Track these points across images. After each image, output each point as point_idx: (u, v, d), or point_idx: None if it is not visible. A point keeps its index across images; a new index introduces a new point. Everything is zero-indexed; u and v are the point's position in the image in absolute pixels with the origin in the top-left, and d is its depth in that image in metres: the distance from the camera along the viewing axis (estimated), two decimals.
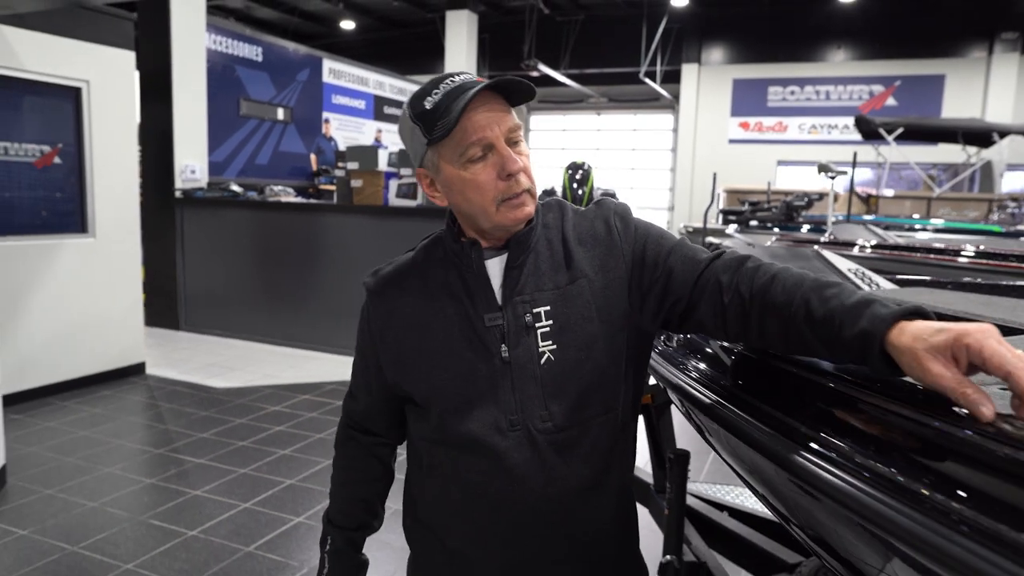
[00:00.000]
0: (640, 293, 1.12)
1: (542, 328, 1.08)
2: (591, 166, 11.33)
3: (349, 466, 1.29)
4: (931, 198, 11.81)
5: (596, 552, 1.17)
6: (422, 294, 1.14)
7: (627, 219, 1.16)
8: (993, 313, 1.89)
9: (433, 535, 1.19)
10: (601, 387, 1.10)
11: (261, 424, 4.37)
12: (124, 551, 2.86)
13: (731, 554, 2.27)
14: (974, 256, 4.64)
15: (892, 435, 0.86)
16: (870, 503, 0.78)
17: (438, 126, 1.03)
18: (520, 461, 1.07)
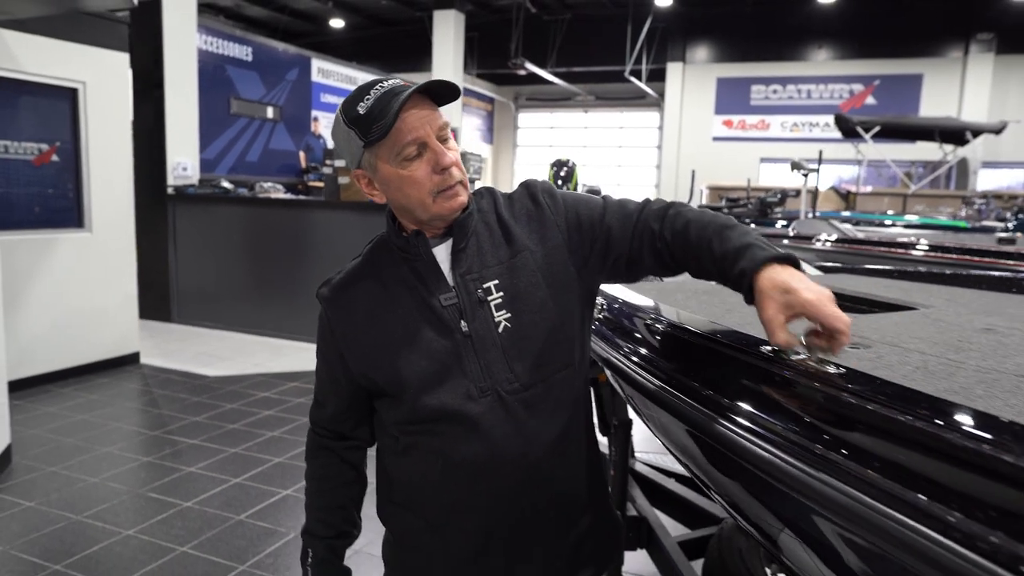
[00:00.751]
0: (582, 255, 1.22)
1: (495, 300, 1.16)
2: (575, 163, 11.61)
3: (324, 475, 1.32)
4: (907, 195, 12.13)
5: (572, 507, 1.25)
6: (377, 291, 1.21)
7: (554, 194, 1.26)
8: (887, 293, 2.16)
9: (411, 513, 1.23)
10: (557, 344, 1.19)
11: (251, 409, 4.61)
12: (125, 520, 3.11)
13: (671, 511, 2.54)
14: (927, 250, 4.93)
15: (776, 397, 1.10)
16: (753, 450, 1.00)
17: (374, 129, 1.09)
18: (494, 422, 1.14)
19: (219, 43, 8.10)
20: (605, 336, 1.66)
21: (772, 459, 0.99)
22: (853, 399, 0.97)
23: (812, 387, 1.04)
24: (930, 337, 1.52)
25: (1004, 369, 1.26)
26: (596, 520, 1.30)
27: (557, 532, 1.23)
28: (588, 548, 1.27)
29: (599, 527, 1.31)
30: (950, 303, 2.06)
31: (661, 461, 2.85)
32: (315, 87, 9.96)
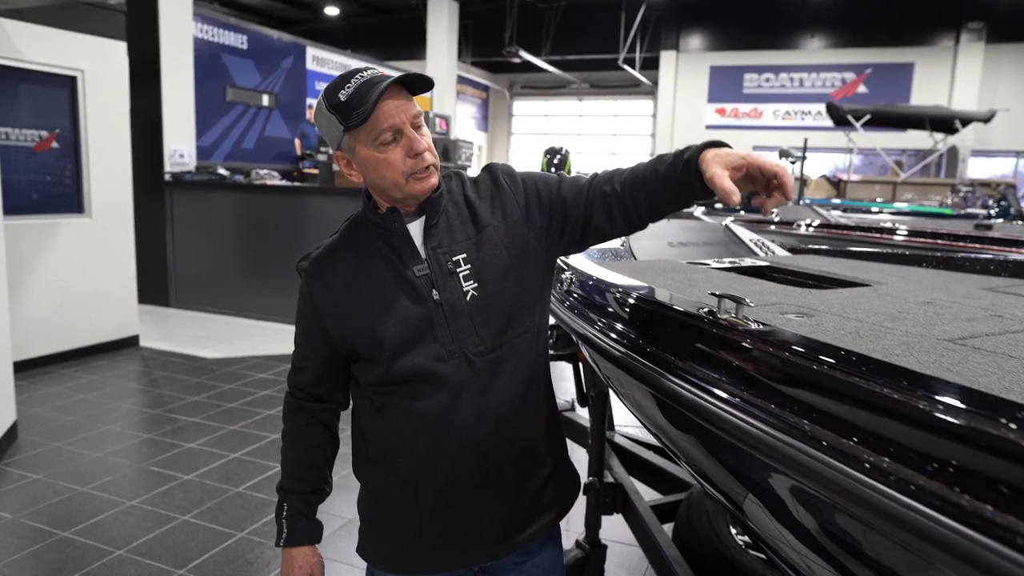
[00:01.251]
0: (541, 226, 1.33)
1: (463, 272, 1.27)
2: (568, 151, 11.71)
3: (300, 435, 1.40)
4: (896, 183, 12.26)
5: (532, 458, 1.36)
6: (355, 263, 1.30)
7: (513, 174, 1.38)
8: (849, 272, 2.30)
9: (384, 469, 1.33)
10: (518, 311, 1.30)
11: (247, 389, 4.75)
12: (128, 491, 3.25)
13: (645, 479, 2.69)
14: (905, 235, 5.08)
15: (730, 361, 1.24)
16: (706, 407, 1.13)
17: (354, 115, 1.18)
18: (462, 381, 1.25)
19: (214, 31, 8.18)
20: (577, 311, 1.80)
21: (710, 407, 1.14)
22: (778, 354, 1.10)
23: (739, 343, 1.18)
24: (872, 309, 1.66)
25: (930, 335, 1.40)
26: (554, 470, 1.41)
27: (518, 480, 1.33)
28: (548, 495, 1.39)
29: (557, 476, 1.42)
30: (904, 280, 2.20)
31: (638, 434, 2.99)
32: (310, 75, 10.04)
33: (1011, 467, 0.72)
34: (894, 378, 0.96)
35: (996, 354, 1.25)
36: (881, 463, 0.83)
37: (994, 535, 0.68)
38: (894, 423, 0.88)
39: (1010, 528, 0.67)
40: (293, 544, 1.37)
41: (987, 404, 0.87)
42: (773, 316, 1.51)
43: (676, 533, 2.36)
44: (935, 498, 0.75)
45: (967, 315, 1.64)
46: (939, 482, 0.76)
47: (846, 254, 2.91)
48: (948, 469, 0.77)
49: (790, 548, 1.13)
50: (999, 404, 0.87)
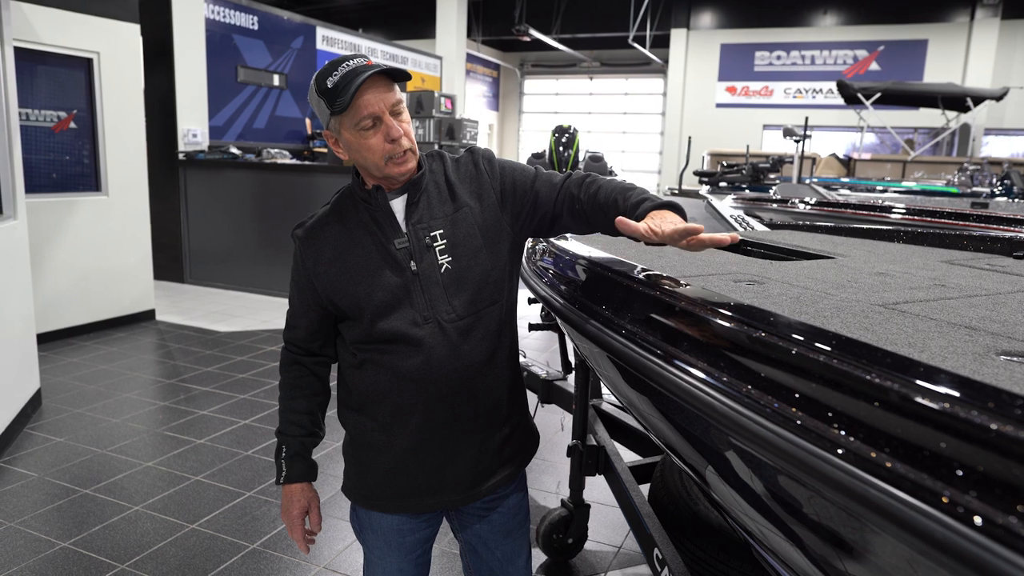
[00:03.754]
0: (513, 213, 1.48)
1: (439, 246, 1.41)
2: (576, 130, 11.76)
3: (295, 384, 1.54)
4: (906, 161, 12.23)
5: (495, 416, 1.49)
6: (343, 233, 1.43)
7: (492, 160, 1.51)
8: (819, 246, 2.42)
9: (365, 416, 1.46)
10: (488, 285, 1.43)
11: (259, 360, 4.94)
12: (144, 453, 3.45)
13: (627, 443, 2.84)
14: (901, 213, 5.15)
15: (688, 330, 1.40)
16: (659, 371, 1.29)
17: (337, 103, 1.31)
18: (434, 344, 1.38)
19: (226, 12, 8.30)
20: (550, 282, 1.94)
21: (643, 360, 1.27)
22: (708, 315, 1.23)
23: (667, 304, 1.32)
24: (824, 278, 1.78)
25: (867, 300, 1.53)
26: (514, 428, 1.55)
27: (482, 434, 1.48)
28: (508, 449, 1.54)
29: (518, 434, 1.57)
30: (868, 254, 2.32)
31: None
32: (320, 55, 10.15)
33: (899, 419, 0.79)
34: (803, 336, 1.06)
35: (918, 316, 1.38)
36: (791, 415, 0.91)
37: (885, 478, 0.75)
38: (805, 380, 0.96)
39: (898, 473, 0.74)
40: (291, 481, 1.52)
41: (873, 357, 0.97)
42: (724, 283, 1.65)
43: (652, 492, 2.51)
44: (838, 447, 0.83)
45: (912, 284, 1.76)
46: (843, 432, 0.83)
47: (823, 230, 3.02)
48: (846, 419, 0.85)
49: (725, 498, 1.27)
50: (885, 356, 0.98)
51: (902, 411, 0.80)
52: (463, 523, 1.60)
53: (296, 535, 1.55)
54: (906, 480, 0.73)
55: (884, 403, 0.83)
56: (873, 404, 0.85)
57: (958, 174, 9.55)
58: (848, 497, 0.80)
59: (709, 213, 2.82)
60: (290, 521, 1.54)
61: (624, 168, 17.75)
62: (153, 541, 2.71)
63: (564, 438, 3.70)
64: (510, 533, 1.61)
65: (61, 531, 2.76)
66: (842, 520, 0.88)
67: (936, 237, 2.68)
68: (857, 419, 0.85)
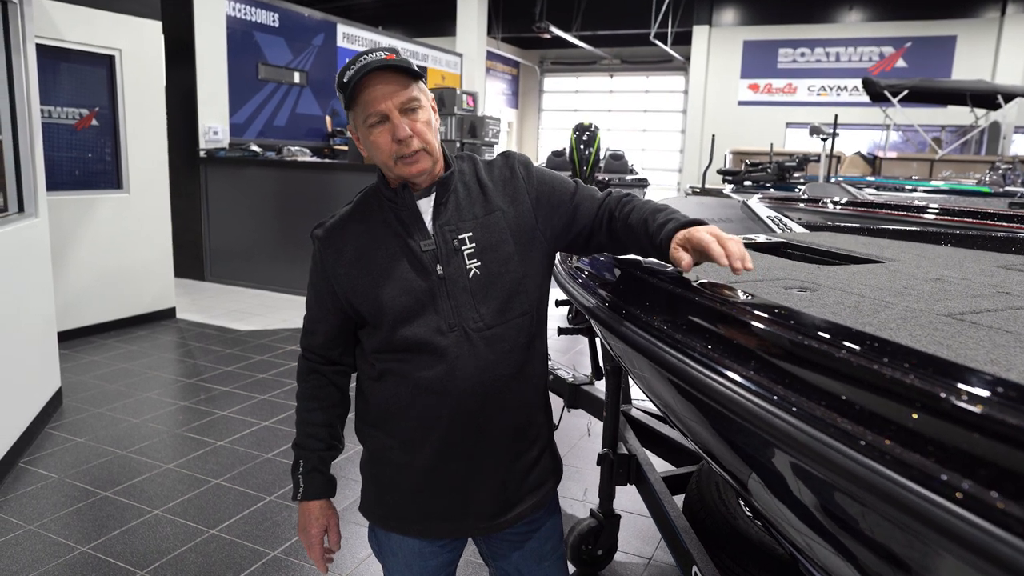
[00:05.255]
0: (548, 223, 1.41)
1: (467, 250, 1.32)
2: (597, 128, 11.63)
3: (313, 395, 1.45)
4: (934, 160, 11.99)
5: (523, 436, 1.42)
6: (365, 233, 1.36)
7: (529, 167, 1.44)
8: (864, 249, 2.32)
9: (383, 433, 1.39)
10: (518, 294, 1.36)
11: (278, 360, 4.90)
12: (164, 455, 3.40)
13: (659, 451, 2.75)
14: (935, 213, 5.00)
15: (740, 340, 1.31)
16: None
17: (346, 98, 1.30)
18: (458, 354, 1.30)
19: (247, 9, 8.28)
20: (587, 286, 1.85)
21: (700, 378, 1.18)
22: (760, 325, 1.14)
23: (724, 313, 1.23)
24: (878, 284, 1.68)
25: (930, 310, 1.43)
26: (543, 452, 1.47)
27: (509, 455, 1.39)
28: (536, 474, 1.45)
29: (546, 458, 1.48)
30: (918, 258, 2.21)
31: (653, 407, 3.04)
32: (341, 52, 10.11)
33: (989, 442, 0.72)
34: (876, 350, 0.98)
35: (992, 329, 1.28)
36: (865, 436, 0.83)
37: (972, 508, 0.67)
38: (875, 395, 0.88)
39: (988, 503, 0.67)
40: (309, 498, 1.44)
41: (956, 374, 0.88)
42: (775, 290, 1.55)
43: (687, 504, 2.42)
44: (914, 471, 0.75)
45: (974, 291, 1.65)
46: (920, 455, 0.76)
47: (864, 231, 2.90)
48: (927, 443, 0.77)
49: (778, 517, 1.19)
50: (974, 374, 0.89)
51: (998, 436, 0.71)
52: (492, 550, 1.52)
53: (315, 555, 1.47)
54: (997, 511, 0.65)
55: (980, 428, 0.74)
56: (966, 429, 0.75)
57: (990, 173, 9.33)
58: (931, 527, 0.72)
59: (745, 214, 2.72)
60: (308, 540, 1.46)
61: (644, 167, 17.57)
62: (173, 546, 2.65)
63: (590, 443, 3.61)
64: (544, 558, 1.52)
65: (80, 535, 2.71)
66: (910, 543, 0.80)
67: (985, 239, 2.57)
68: (942, 442, 0.76)
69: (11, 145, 3.69)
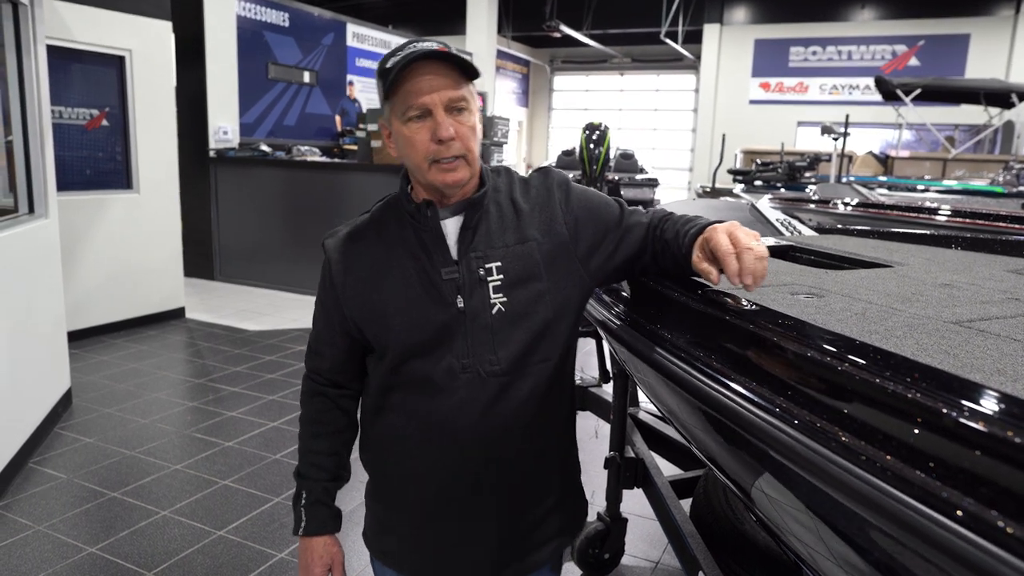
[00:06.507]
0: (587, 258, 1.26)
1: (493, 282, 1.18)
2: (608, 127, 11.60)
3: (318, 419, 1.34)
4: (947, 159, 11.89)
5: (529, 494, 1.30)
6: (380, 250, 1.23)
7: (568, 189, 1.28)
8: (873, 253, 2.30)
9: (380, 468, 1.32)
10: (544, 338, 1.21)
11: (287, 360, 4.91)
12: (173, 456, 3.42)
13: (667, 455, 2.73)
14: (947, 215, 4.95)
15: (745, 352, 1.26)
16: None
17: (388, 84, 1.14)
18: (468, 399, 1.18)
19: (257, 9, 8.31)
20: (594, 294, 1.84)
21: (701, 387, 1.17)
22: (763, 334, 1.13)
23: (727, 322, 1.21)
24: (886, 290, 1.67)
25: (938, 317, 1.41)
26: (559, 501, 1.35)
27: (512, 511, 1.28)
28: (546, 529, 1.33)
29: (560, 508, 1.35)
30: (927, 262, 2.18)
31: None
32: (350, 52, 10.13)
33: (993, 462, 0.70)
34: (878, 363, 0.96)
35: (1000, 337, 1.26)
36: (866, 450, 0.82)
37: (971, 527, 0.66)
38: (875, 409, 0.87)
39: (986, 521, 0.66)
40: (312, 533, 1.33)
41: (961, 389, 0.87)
42: (782, 296, 1.54)
43: (694, 508, 2.41)
44: (914, 487, 0.75)
45: (983, 298, 1.64)
46: (920, 471, 0.75)
47: (874, 234, 2.88)
48: (927, 458, 0.76)
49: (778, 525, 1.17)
50: (972, 388, 0.88)
51: (999, 454, 0.70)
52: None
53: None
54: (998, 531, 0.64)
55: (981, 445, 0.72)
56: (967, 446, 0.74)
57: (1003, 173, 9.24)
58: (929, 544, 0.71)
59: (754, 217, 2.70)
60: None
61: (655, 166, 17.51)
62: (180, 548, 2.66)
63: (598, 445, 3.60)
64: None
65: (88, 536, 2.73)
66: (910, 558, 0.78)
67: (997, 243, 2.54)
68: (942, 458, 0.75)
69: (22, 146, 3.72)
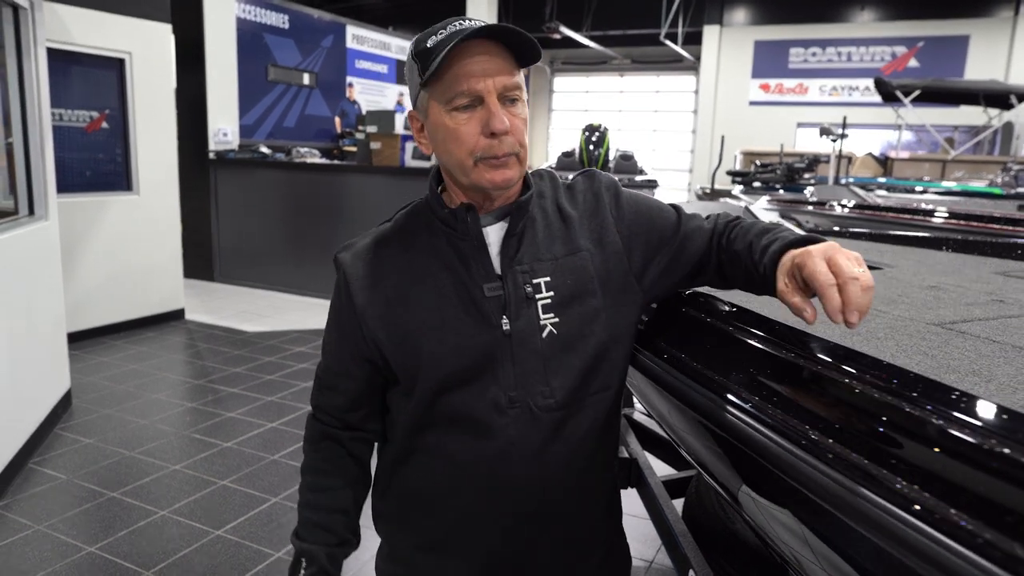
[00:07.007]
0: (643, 270, 1.11)
1: (543, 300, 1.02)
2: (607, 128, 11.61)
3: (326, 470, 1.15)
4: (946, 161, 11.91)
5: (584, 541, 1.15)
6: (408, 265, 1.05)
7: (618, 193, 1.14)
8: (867, 256, 2.31)
9: (408, 527, 1.13)
10: (602, 362, 1.06)
11: (286, 362, 4.94)
12: (172, 456, 3.45)
13: (660, 455, 2.76)
14: (944, 217, 4.98)
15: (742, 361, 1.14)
16: None
17: (430, 66, 0.95)
18: (517, 439, 1.01)
19: (257, 11, 8.34)
20: None
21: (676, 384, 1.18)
22: (744, 336, 1.14)
23: (714, 325, 1.22)
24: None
25: (921, 319, 1.44)
26: (608, 552, 1.20)
27: (565, 567, 1.13)
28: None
29: (610, 560, 1.21)
30: (917, 264, 2.21)
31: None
32: (350, 53, 10.17)
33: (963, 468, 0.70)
34: (853, 363, 0.95)
35: (979, 338, 1.29)
36: (836, 449, 0.81)
37: (933, 523, 0.67)
38: (845, 408, 0.87)
39: (966, 529, 0.65)
40: None
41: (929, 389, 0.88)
42: (765, 298, 1.56)
43: (686, 508, 2.43)
44: (889, 491, 0.74)
45: (968, 300, 1.66)
46: (895, 472, 0.75)
47: (867, 236, 2.90)
48: (897, 458, 0.76)
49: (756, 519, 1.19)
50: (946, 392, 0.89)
51: (962, 456, 0.71)
52: None
53: None
54: (956, 528, 0.65)
55: (938, 444, 0.74)
56: (926, 444, 0.75)
57: (1002, 174, 9.27)
58: (895, 542, 0.71)
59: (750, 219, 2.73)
60: None
61: (655, 167, 17.53)
62: (179, 547, 2.69)
63: None
64: None
65: (88, 535, 2.75)
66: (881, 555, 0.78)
67: (987, 245, 2.56)
68: (912, 463, 0.75)
69: (22, 148, 3.75)
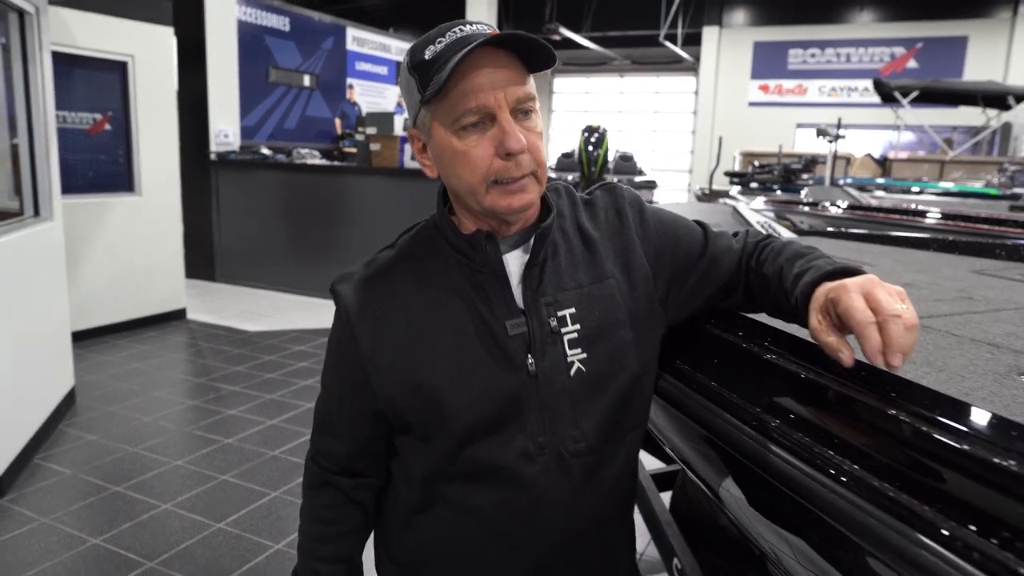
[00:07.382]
0: (666, 290, 1.02)
1: (569, 334, 0.93)
2: (606, 129, 11.66)
3: (329, 518, 1.06)
4: (944, 161, 11.97)
5: (609, 573, 1.08)
6: (419, 300, 0.94)
7: (642, 210, 1.04)
8: (845, 255, 2.38)
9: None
10: (634, 399, 0.97)
11: (286, 360, 5.01)
12: (174, 452, 3.52)
13: (649, 449, 2.82)
14: (939, 218, 5.04)
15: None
16: None
17: (432, 82, 0.85)
18: (547, 488, 0.92)
19: (258, 14, 8.42)
20: None
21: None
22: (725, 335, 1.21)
23: None
24: None
25: None
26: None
27: None
28: None
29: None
30: (896, 263, 2.28)
31: None
32: (350, 55, 10.24)
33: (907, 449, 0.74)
34: (797, 351, 0.97)
35: (940, 332, 1.35)
36: (801, 440, 0.84)
37: (891, 511, 0.69)
38: (799, 397, 0.91)
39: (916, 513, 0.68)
40: None
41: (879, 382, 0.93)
42: None
43: (673, 501, 2.49)
44: (842, 474, 0.76)
45: (938, 296, 1.73)
46: (843, 456, 0.78)
47: (854, 237, 2.96)
48: (848, 444, 0.79)
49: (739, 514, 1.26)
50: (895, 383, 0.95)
51: (900, 440, 0.76)
52: None
53: None
54: (913, 515, 0.71)
55: (883, 430, 0.78)
56: (870, 430, 0.80)
57: (998, 175, 9.32)
58: (852, 531, 0.75)
59: (736, 220, 2.79)
60: None
61: (654, 167, 17.60)
62: (181, 539, 2.76)
63: None
64: None
65: (92, 528, 2.82)
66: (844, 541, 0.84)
67: (969, 245, 2.63)
68: (864, 450, 0.78)
69: (27, 151, 3.82)
